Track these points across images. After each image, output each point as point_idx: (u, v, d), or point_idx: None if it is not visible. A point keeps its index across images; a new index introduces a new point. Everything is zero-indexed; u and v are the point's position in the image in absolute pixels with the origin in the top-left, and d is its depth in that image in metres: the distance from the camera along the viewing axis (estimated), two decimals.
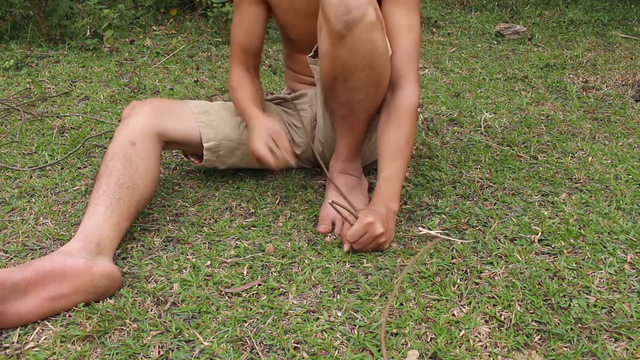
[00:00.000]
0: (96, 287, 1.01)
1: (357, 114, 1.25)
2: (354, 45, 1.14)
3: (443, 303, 1.02)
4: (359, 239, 1.14)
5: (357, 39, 1.13)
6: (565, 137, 1.76)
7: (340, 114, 1.27)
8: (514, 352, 0.91)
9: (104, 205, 1.10)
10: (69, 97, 2.16)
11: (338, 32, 1.12)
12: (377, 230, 1.13)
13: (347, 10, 1.10)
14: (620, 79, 2.32)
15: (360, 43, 1.13)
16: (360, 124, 1.28)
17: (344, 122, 1.28)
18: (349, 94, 1.22)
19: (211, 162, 1.42)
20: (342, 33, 1.12)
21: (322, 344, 0.92)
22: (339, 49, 1.15)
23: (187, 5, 3.57)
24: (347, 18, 1.11)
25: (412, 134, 1.24)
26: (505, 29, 3.13)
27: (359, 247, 1.16)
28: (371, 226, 1.13)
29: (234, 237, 1.25)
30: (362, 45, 1.14)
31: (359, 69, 1.17)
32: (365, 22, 1.12)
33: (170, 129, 1.30)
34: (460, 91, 2.22)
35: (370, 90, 1.22)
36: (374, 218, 1.13)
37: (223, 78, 2.40)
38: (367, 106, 1.25)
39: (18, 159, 1.65)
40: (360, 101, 1.23)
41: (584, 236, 1.22)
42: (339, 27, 1.12)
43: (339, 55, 1.16)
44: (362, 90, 1.21)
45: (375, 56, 1.17)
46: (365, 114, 1.27)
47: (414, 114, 1.25)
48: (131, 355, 0.91)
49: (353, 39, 1.13)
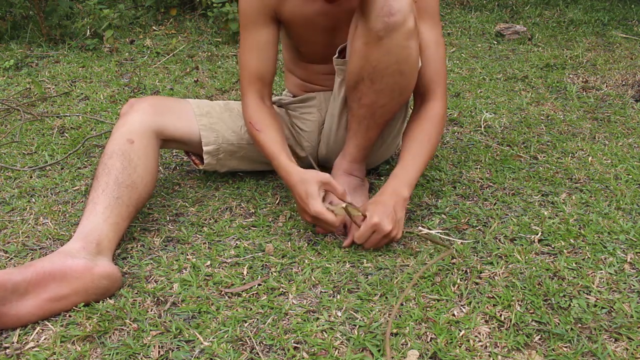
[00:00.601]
0: (96, 288, 1.01)
1: (375, 117, 1.26)
2: (390, 49, 1.14)
3: (443, 303, 1.02)
4: (367, 239, 1.15)
5: (394, 42, 1.13)
6: (565, 137, 1.76)
7: (359, 115, 1.26)
8: (514, 352, 0.91)
9: (102, 204, 1.10)
10: (69, 97, 2.16)
11: (377, 32, 1.12)
12: (385, 228, 1.13)
13: (390, 13, 1.10)
14: (620, 79, 2.32)
15: (396, 48, 1.14)
16: (376, 127, 1.28)
17: (361, 123, 1.28)
18: (373, 96, 1.22)
19: (212, 165, 1.41)
20: (380, 34, 1.12)
21: (322, 344, 0.92)
22: (373, 49, 1.14)
23: (187, 5, 3.57)
24: (388, 20, 1.11)
25: (435, 139, 1.25)
26: (505, 29, 3.13)
27: (370, 246, 1.16)
28: (378, 226, 1.13)
29: (234, 237, 1.25)
30: (397, 50, 1.14)
31: (388, 73, 1.17)
32: (405, 27, 1.12)
33: (169, 127, 1.30)
34: (460, 91, 2.22)
35: (394, 96, 1.22)
36: (380, 217, 1.13)
37: (223, 78, 2.40)
38: (387, 111, 1.25)
39: (18, 159, 1.65)
40: (383, 105, 1.23)
41: (584, 236, 1.22)
42: (378, 28, 1.12)
43: (372, 56, 1.15)
44: (387, 95, 1.21)
45: (408, 63, 1.17)
46: (383, 119, 1.27)
47: (441, 124, 1.27)
48: (131, 355, 0.91)
49: (391, 42, 1.13)
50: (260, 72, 1.32)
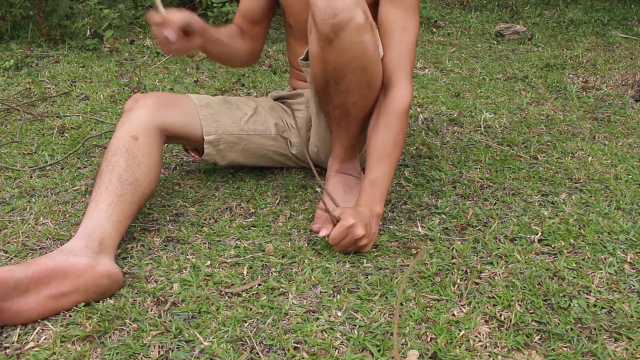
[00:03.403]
0: (97, 287, 1.01)
1: (351, 115, 1.25)
2: (343, 48, 1.12)
3: (443, 303, 1.02)
4: (340, 241, 1.14)
5: (345, 42, 1.12)
6: (565, 137, 1.76)
7: (335, 116, 1.26)
8: (514, 352, 0.91)
9: (105, 202, 1.10)
10: (69, 97, 2.16)
11: (326, 35, 1.11)
12: (357, 233, 1.12)
13: (334, 14, 1.09)
14: (620, 79, 2.32)
15: (349, 45, 1.12)
16: (354, 125, 1.27)
17: (339, 124, 1.27)
18: (342, 96, 1.21)
19: (212, 156, 1.41)
20: (330, 36, 1.11)
21: (322, 344, 0.92)
22: (328, 52, 1.14)
23: (187, 5, 3.57)
24: (334, 21, 1.09)
25: (401, 136, 1.22)
26: (505, 29, 3.13)
27: (340, 249, 1.16)
28: (352, 229, 1.12)
29: (234, 237, 1.25)
30: (352, 47, 1.13)
31: (349, 71, 1.16)
32: (353, 24, 1.10)
33: (172, 122, 1.30)
34: (460, 91, 2.22)
35: (363, 92, 1.21)
36: (355, 220, 1.12)
37: (223, 78, 2.40)
38: (360, 107, 1.24)
39: (18, 159, 1.65)
40: (354, 103, 1.22)
41: (584, 236, 1.22)
42: (326, 31, 1.11)
43: (329, 58, 1.15)
44: (355, 92, 1.20)
45: (366, 58, 1.16)
46: (359, 116, 1.26)
47: (404, 115, 1.23)
48: (131, 355, 0.91)
49: (342, 42, 1.11)
50: (248, 11, 1.46)
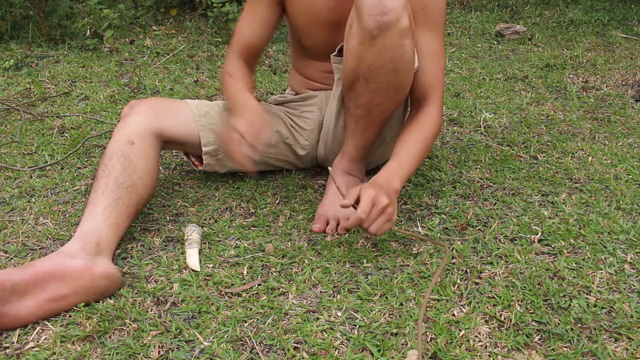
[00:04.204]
0: (96, 288, 1.01)
1: (372, 116, 1.25)
2: (384, 48, 1.13)
3: (443, 303, 1.02)
4: (369, 214, 1.09)
5: (388, 41, 1.12)
6: (565, 137, 1.76)
7: (356, 114, 1.26)
8: (514, 352, 0.91)
9: (102, 205, 1.10)
10: (69, 97, 2.16)
11: (370, 31, 1.11)
12: (382, 201, 1.10)
13: (383, 12, 1.09)
14: (620, 79, 2.32)
15: (391, 46, 1.13)
16: (373, 127, 1.28)
17: (358, 123, 1.27)
18: (369, 95, 1.21)
19: (211, 166, 1.41)
20: (374, 33, 1.11)
21: (322, 344, 0.92)
22: (367, 48, 1.14)
23: (187, 5, 3.57)
24: (381, 19, 1.10)
25: (429, 143, 1.24)
26: (505, 29, 3.13)
27: (369, 225, 1.10)
28: (377, 197, 1.10)
29: (234, 237, 1.25)
30: (392, 49, 1.13)
31: (383, 72, 1.16)
32: (399, 26, 1.11)
33: (169, 128, 1.30)
34: (460, 91, 2.22)
35: (390, 95, 1.21)
36: (376, 191, 1.11)
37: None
38: (384, 109, 1.24)
39: (18, 159, 1.65)
40: (379, 104, 1.23)
41: (584, 236, 1.22)
42: (371, 27, 1.11)
43: (367, 55, 1.15)
44: (383, 94, 1.20)
45: (403, 62, 1.16)
46: (380, 118, 1.26)
47: (435, 129, 1.26)
48: (131, 355, 0.91)
49: (384, 41, 1.12)
50: (250, 42, 1.40)
